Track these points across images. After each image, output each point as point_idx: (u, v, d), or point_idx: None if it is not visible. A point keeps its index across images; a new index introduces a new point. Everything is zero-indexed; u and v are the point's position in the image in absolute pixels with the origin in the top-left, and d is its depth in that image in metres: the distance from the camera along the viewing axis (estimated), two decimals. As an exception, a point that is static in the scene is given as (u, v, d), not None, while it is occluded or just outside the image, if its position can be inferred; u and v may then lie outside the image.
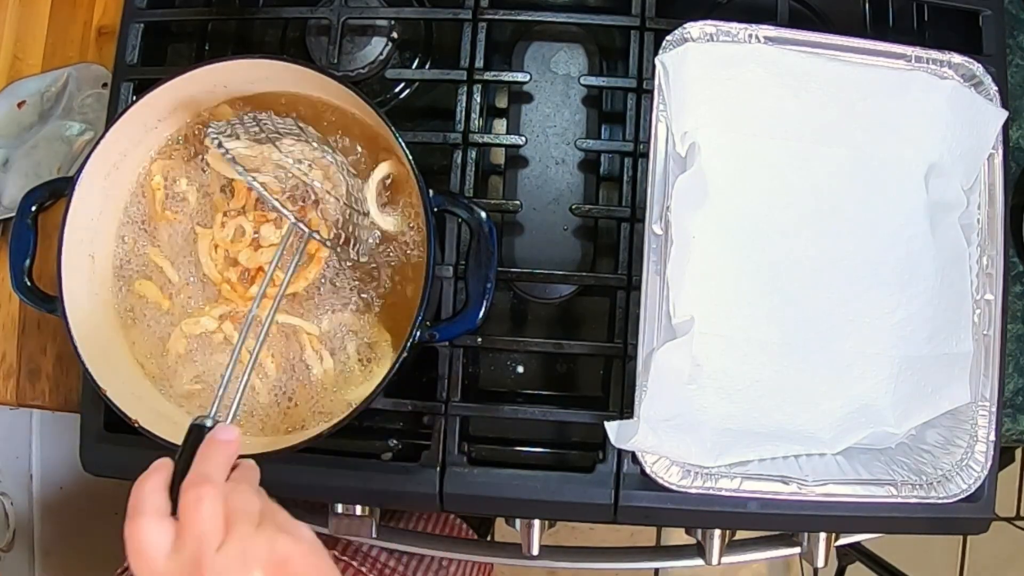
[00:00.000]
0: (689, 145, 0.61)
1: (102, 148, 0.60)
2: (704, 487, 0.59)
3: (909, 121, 0.63)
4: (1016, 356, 0.71)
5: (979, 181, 0.63)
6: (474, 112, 0.67)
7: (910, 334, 0.62)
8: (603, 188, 0.71)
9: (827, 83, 0.62)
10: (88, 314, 0.61)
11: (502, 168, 0.71)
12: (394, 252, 0.62)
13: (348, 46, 0.70)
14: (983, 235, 0.62)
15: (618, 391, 0.64)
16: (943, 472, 0.60)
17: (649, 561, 0.77)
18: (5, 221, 0.76)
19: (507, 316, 0.71)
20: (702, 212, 0.62)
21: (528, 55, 0.73)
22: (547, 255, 0.71)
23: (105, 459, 0.65)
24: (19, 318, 0.76)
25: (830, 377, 0.62)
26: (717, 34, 0.62)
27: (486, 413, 0.65)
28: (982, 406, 0.61)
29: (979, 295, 0.62)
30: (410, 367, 0.59)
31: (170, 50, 0.74)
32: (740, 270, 0.62)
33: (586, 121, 0.72)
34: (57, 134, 0.76)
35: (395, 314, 0.62)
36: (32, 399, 0.75)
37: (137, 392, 0.61)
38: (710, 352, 0.61)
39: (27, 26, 0.80)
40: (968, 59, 0.63)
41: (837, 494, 0.59)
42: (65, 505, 1.45)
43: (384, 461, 0.66)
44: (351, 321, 0.61)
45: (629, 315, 0.64)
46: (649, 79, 0.65)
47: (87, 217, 0.61)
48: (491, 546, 0.77)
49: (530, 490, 0.63)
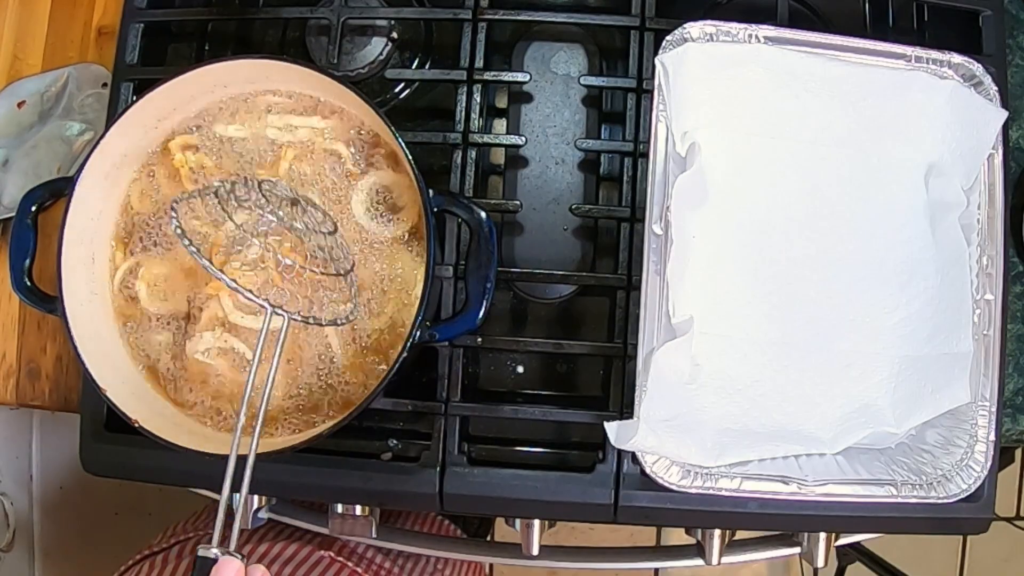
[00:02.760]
0: (689, 145, 0.61)
1: (102, 148, 0.60)
2: (704, 487, 0.59)
3: (909, 121, 0.63)
4: (1016, 356, 0.71)
5: (979, 181, 0.63)
6: (474, 112, 0.67)
7: (910, 334, 0.62)
8: (603, 188, 0.71)
9: (827, 83, 0.62)
10: (88, 314, 0.61)
11: (502, 168, 0.71)
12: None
13: (348, 46, 0.70)
14: (983, 235, 0.62)
15: (618, 391, 0.64)
16: (943, 472, 0.60)
17: (649, 561, 0.77)
18: (5, 221, 0.76)
19: (507, 316, 0.71)
20: (702, 212, 0.61)
21: (528, 55, 0.73)
22: (547, 255, 0.71)
23: (105, 459, 0.65)
24: (19, 318, 0.76)
25: (830, 377, 0.62)
26: (717, 34, 0.62)
27: (486, 413, 0.65)
28: (982, 406, 0.61)
29: (979, 295, 0.62)
30: (410, 367, 0.59)
31: (170, 50, 0.74)
32: (740, 270, 0.62)
33: (586, 121, 0.72)
34: (57, 134, 0.76)
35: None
36: (32, 399, 0.75)
37: (137, 392, 0.61)
38: (710, 352, 0.61)
39: (27, 26, 0.80)
40: (968, 59, 0.63)
41: (837, 494, 0.59)
42: (65, 505, 1.45)
43: (384, 461, 0.66)
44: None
45: (629, 315, 0.64)
46: (649, 79, 0.65)
47: (87, 217, 0.61)
48: (491, 546, 0.77)
49: (530, 490, 0.63)
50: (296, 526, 0.73)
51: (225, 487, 0.50)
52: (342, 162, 0.63)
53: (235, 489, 0.51)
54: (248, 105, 0.64)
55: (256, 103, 0.64)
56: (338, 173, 0.63)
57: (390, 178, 0.62)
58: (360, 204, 0.62)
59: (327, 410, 0.61)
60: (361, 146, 0.63)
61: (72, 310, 0.59)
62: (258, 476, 0.64)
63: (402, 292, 0.62)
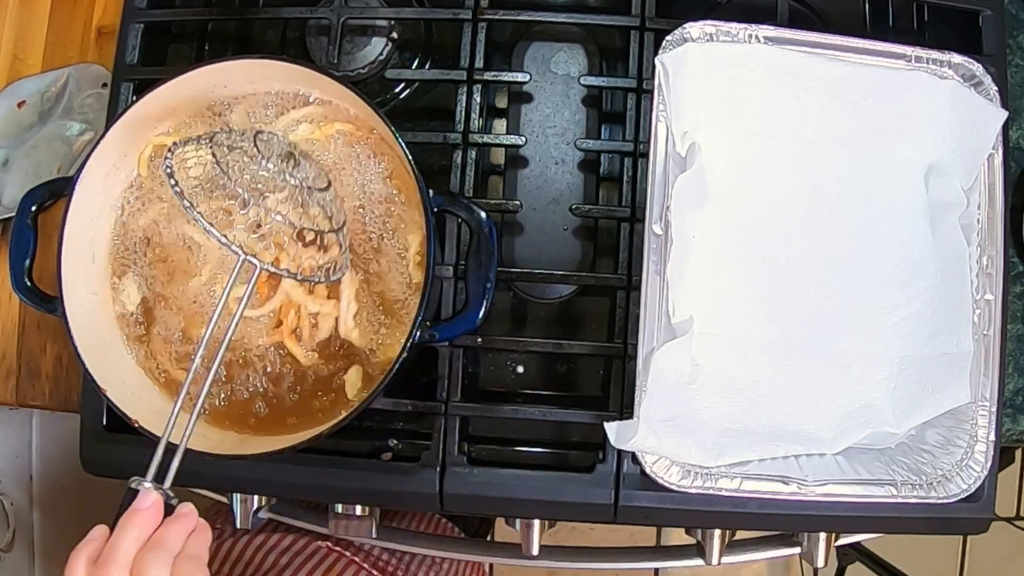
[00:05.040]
0: (689, 145, 0.61)
1: (102, 148, 0.60)
2: (704, 487, 0.59)
3: (909, 121, 0.63)
4: (1016, 356, 0.71)
5: (979, 181, 0.63)
6: (474, 112, 0.67)
7: (910, 334, 0.62)
8: (603, 188, 0.71)
9: (827, 83, 0.62)
10: (88, 314, 0.61)
11: (502, 168, 0.71)
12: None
13: (348, 46, 0.70)
14: (983, 235, 0.62)
15: (618, 391, 0.64)
16: (943, 472, 0.60)
17: (649, 561, 0.77)
18: (5, 221, 0.76)
19: (507, 316, 0.71)
20: (702, 212, 0.61)
21: (528, 55, 0.73)
22: (547, 255, 0.71)
23: (105, 459, 0.65)
24: (19, 318, 0.76)
25: (830, 377, 0.62)
26: (717, 34, 0.62)
27: (486, 413, 0.65)
28: (982, 406, 0.61)
29: (979, 295, 0.62)
30: (410, 367, 0.59)
31: (170, 50, 0.74)
32: (740, 270, 0.62)
33: (586, 121, 0.72)
34: (57, 134, 0.76)
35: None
36: (32, 399, 0.75)
37: (137, 392, 0.61)
38: (710, 352, 0.61)
39: (27, 26, 0.80)
40: (968, 59, 0.63)
41: (837, 494, 0.59)
42: (65, 505, 1.45)
43: (384, 461, 0.66)
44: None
45: (629, 315, 0.64)
46: (649, 79, 0.65)
47: (87, 217, 0.61)
48: (491, 546, 0.77)
49: (530, 490, 0.63)
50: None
51: (172, 418, 0.52)
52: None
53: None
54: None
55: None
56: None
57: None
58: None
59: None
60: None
61: (72, 310, 0.59)
62: (258, 476, 0.64)
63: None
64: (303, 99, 0.64)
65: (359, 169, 0.63)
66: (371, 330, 0.61)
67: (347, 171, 0.63)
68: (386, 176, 0.63)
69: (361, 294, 0.62)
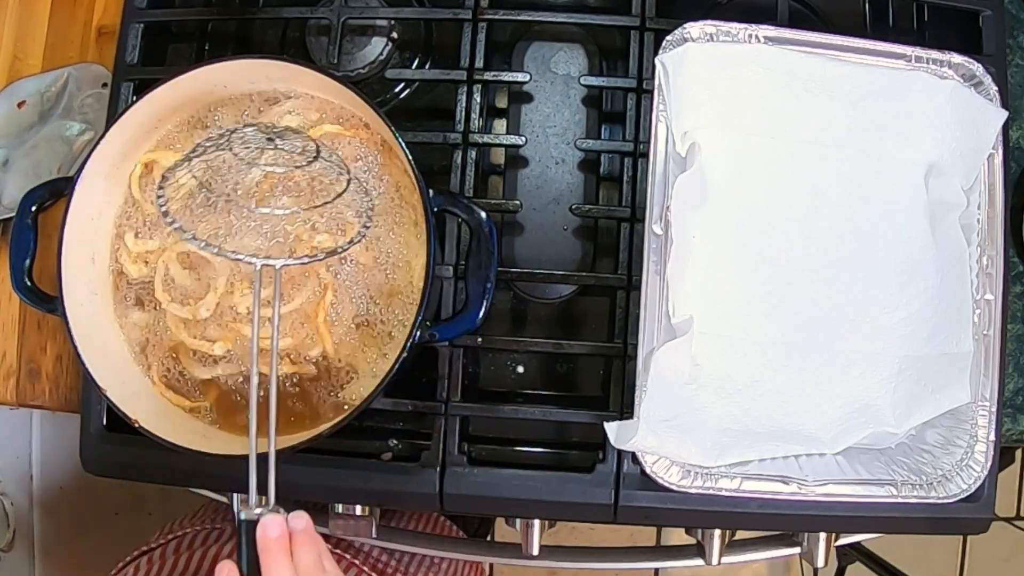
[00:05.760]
0: (689, 145, 0.61)
1: (102, 148, 0.60)
2: (704, 487, 0.59)
3: (909, 121, 0.63)
4: (1016, 356, 0.71)
5: (979, 181, 0.63)
6: (474, 112, 0.67)
7: (910, 334, 0.62)
8: (603, 188, 0.71)
9: (827, 83, 0.62)
10: (88, 314, 0.61)
11: (502, 168, 0.71)
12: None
13: (348, 46, 0.70)
14: (983, 235, 0.62)
15: (618, 391, 0.64)
16: (943, 472, 0.60)
17: (649, 561, 0.77)
18: (5, 221, 0.76)
19: (507, 316, 0.71)
20: (702, 212, 0.61)
21: (528, 55, 0.73)
22: (547, 255, 0.71)
23: (105, 459, 0.65)
24: (19, 318, 0.76)
25: (830, 377, 0.62)
26: (717, 34, 0.62)
27: (486, 413, 0.65)
28: (982, 406, 0.61)
29: (979, 295, 0.62)
30: (410, 367, 0.59)
31: (170, 50, 0.74)
32: (740, 270, 0.62)
33: (586, 121, 0.72)
34: (57, 134, 0.76)
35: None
36: (32, 399, 0.75)
37: (137, 392, 0.61)
38: (710, 352, 0.61)
39: (27, 26, 0.80)
40: (968, 59, 0.63)
41: (837, 494, 0.59)
42: (65, 505, 1.45)
43: (384, 461, 0.66)
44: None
45: (629, 315, 0.64)
46: (649, 79, 0.65)
47: (87, 217, 0.61)
48: (491, 546, 0.77)
49: (530, 490, 0.63)
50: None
51: (251, 436, 0.49)
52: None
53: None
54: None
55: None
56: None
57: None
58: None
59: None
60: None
61: (72, 310, 0.59)
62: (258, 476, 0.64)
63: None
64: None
65: (359, 169, 0.63)
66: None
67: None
68: (386, 176, 0.63)
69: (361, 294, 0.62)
